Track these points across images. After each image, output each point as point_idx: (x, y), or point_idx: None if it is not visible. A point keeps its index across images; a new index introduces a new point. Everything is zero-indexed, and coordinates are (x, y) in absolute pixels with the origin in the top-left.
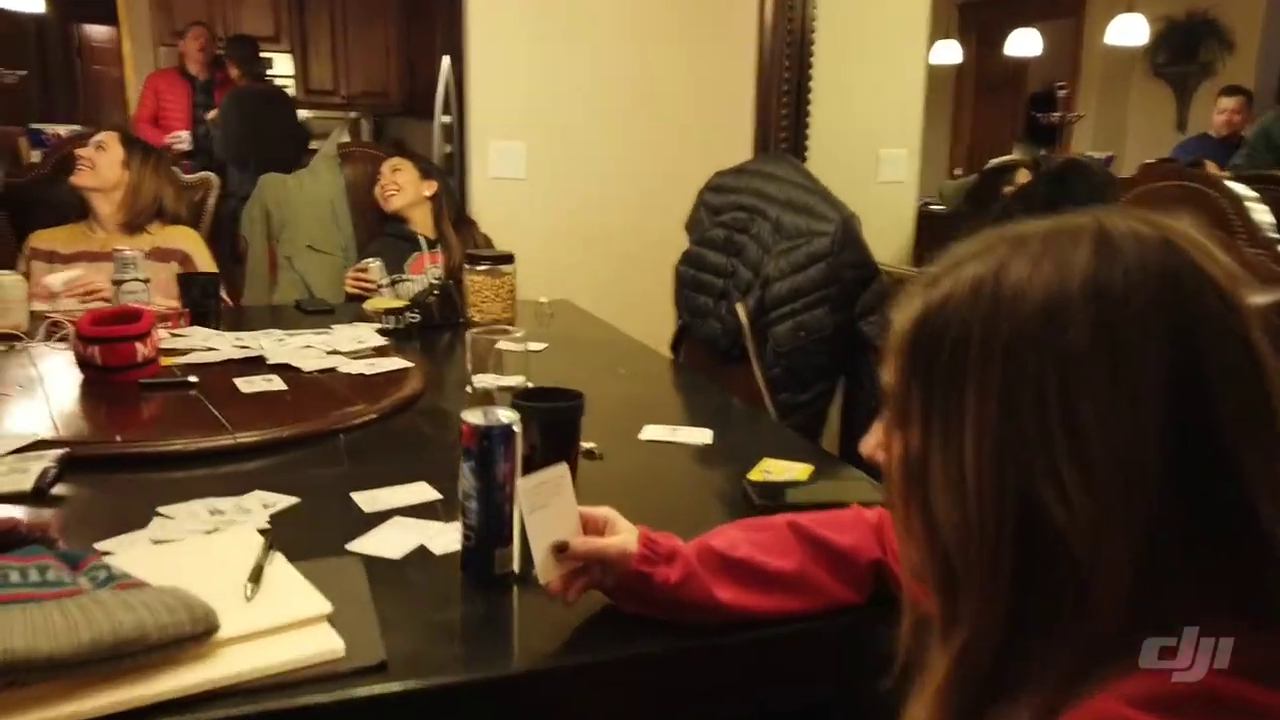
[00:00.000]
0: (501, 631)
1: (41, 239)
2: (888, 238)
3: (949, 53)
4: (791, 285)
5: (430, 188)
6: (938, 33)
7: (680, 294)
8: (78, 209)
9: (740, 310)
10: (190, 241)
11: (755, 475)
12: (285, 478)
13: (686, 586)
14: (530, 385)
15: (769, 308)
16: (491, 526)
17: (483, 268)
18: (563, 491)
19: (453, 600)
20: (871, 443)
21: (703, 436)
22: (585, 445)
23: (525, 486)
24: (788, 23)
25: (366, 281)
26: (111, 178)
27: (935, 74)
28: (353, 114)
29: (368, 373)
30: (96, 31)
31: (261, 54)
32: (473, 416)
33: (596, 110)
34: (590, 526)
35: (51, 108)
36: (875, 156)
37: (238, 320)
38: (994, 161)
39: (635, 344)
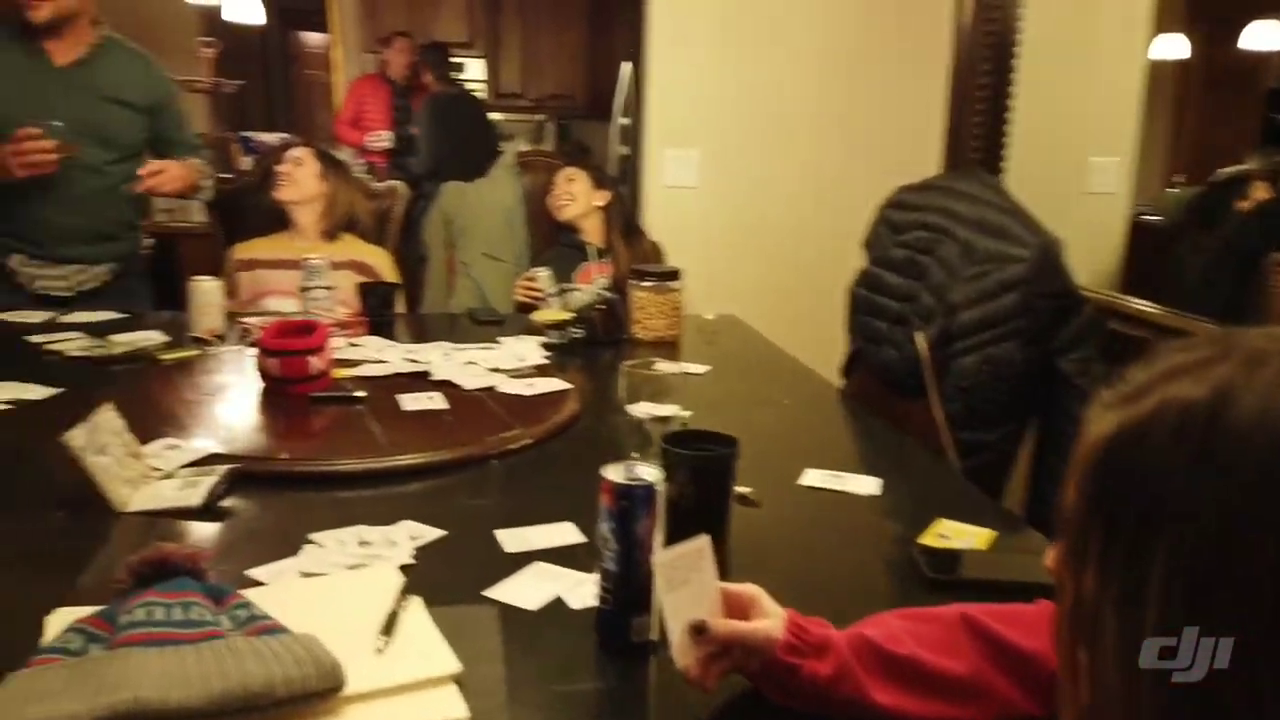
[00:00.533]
0: (634, 711)
1: (243, 250)
2: (1095, 255)
3: (1173, 47)
4: (980, 314)
5: (603, 198)
6: (1161, 25)
7: (854, 317)
8: (280, 220)
9: (920, 339)
10: (382, 260)
11: (928, 539)
12: (435, 505)
13: (839, 684)
14: (686, 414)
15: (953, 338)
16: (629, 591)
17: (649, 283)
18: (703, 567)
19: (585, 668)
20: (1054, 557)
21: (870, 486)
22: (740, 490)
23: (662, 561)
24: (988, 23)
25: (535, 290)
26: (310, 190)
27: (1156, 71)
28: (539, 116)
29: (526, 394)
30: (311, 38)
31: (455, 59)
32: (613, 473)
33: (773, 118)
34: (733, 606)
35: (270, 112)
36: (1083, 165)
37: (415, 327)
38: (1224, 171)
39: (801, 368)
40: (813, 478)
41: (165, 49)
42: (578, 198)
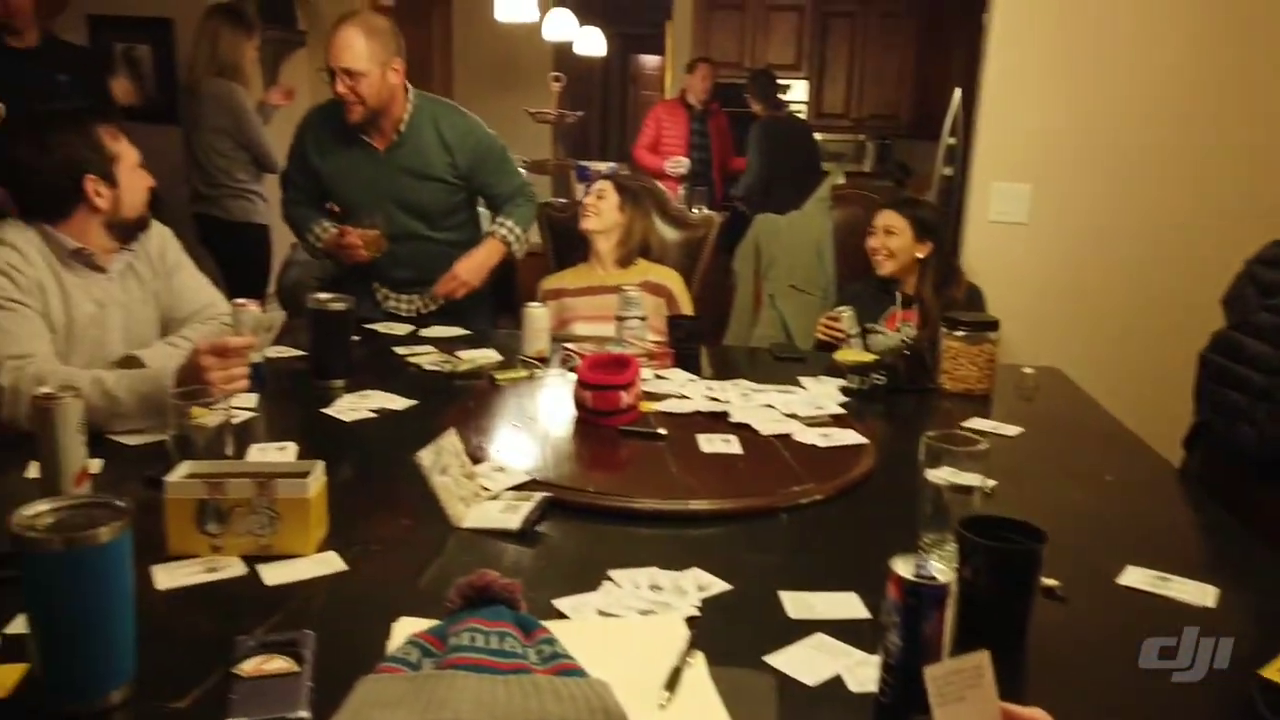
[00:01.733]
0: None
1: (551, 281)
2: None
3: None
4: None
5: (923, 249)
6: None
7: (1204, 385)
8: (582, 250)
9: None
10: (675, 282)
11: (1271, 672)
12: (723, 553)
13: None
14: (990, 485)
15: None
16: (910, 691)
17: (962, 332)
18: (981, 684)
19: None
20: None
21: (1204, 595)
22: (1046, 581)
23: (935, 675)
24: None
25: (837, 330)
26: (610, 221)
27: None
28: (859, 136)
29: (820, 444)
30: (648, 61)
31: (780, 81)
32: (902, 567)
33: (1117, 153)
34: None
35: (606, 135)
36: None
37: (717, 360)
38: None
39: (1132, 438)
40: (1134, 577)
41: (520, 84)
42: (897, 254)
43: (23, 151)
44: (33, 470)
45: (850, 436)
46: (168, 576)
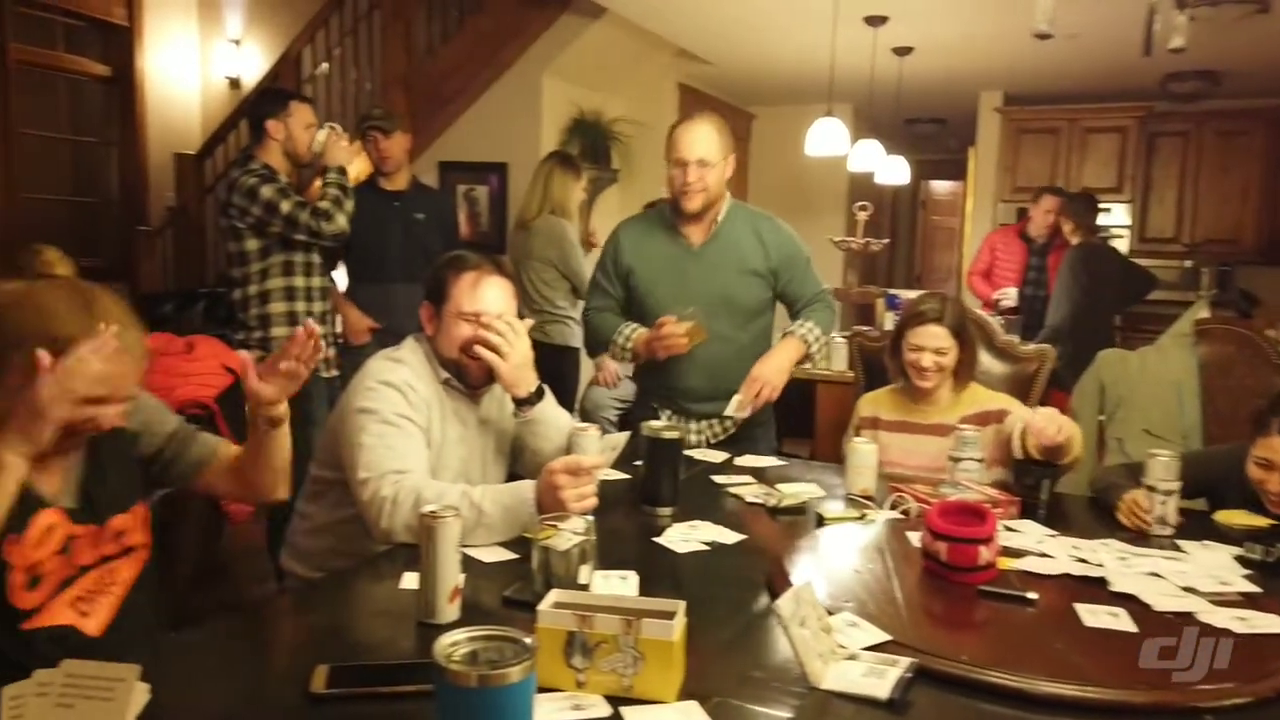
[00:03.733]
0: None
1: (867, 405)
2: None
3: None
4: None
5: None
6: None
7: None
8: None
9: None
10: (1012, 406)
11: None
12: None
13: None
14: None
15: None
16: None
17: None
18: None
19: None
20: None
21: None
22: None
23: None
24: None
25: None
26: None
27: None
28: (1188, 262)
29: (1236, 629)
30: (939, 187)
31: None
32: None
33: None
34: None
35: (893, 258)
36: None
37: (1061, 510)
38: None
39: None
40: None
41: (821, 211)
42: None
43: None
44: (406, 580)
45: (1275, 623)
46: (540, 712)
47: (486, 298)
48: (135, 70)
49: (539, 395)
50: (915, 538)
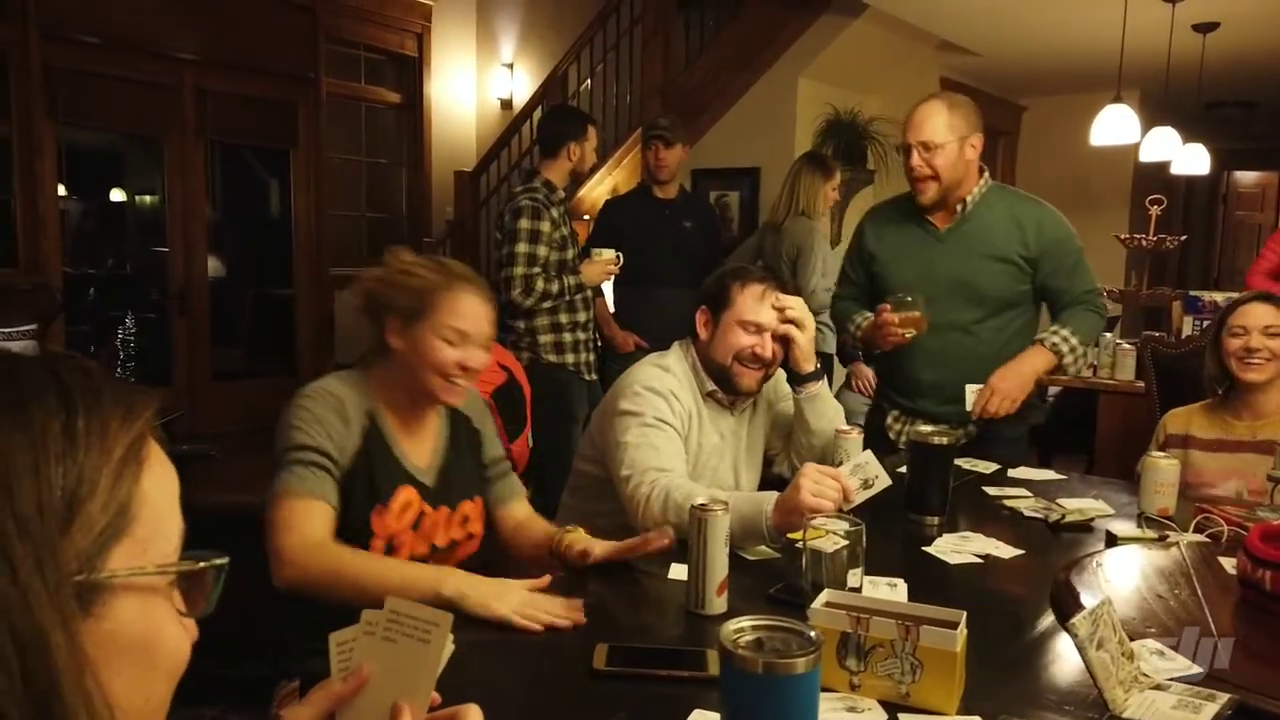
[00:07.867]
0: None
1: (1176, 421)
2: None
3: None
4: None
5: None
6: None
7: None
8: (1197, 392)
9: None
10: None
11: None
12: None
13: None
14: None
15: None
16: None
17: None
18: None
19: None
20: None
21: None
22: None
23: None
24: None
25: None
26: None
27: None
28: None
29: None
30: (1244, 178)
31: None
32: None
33: None
34: None
35: (1186, 260)
36: None
37: None
38: None
39: None
40: None
41: (1101, 206)
42: None
43: None
44: (674, 571)
45: None
46: None
47: (770, 311)
48: (424, 97)
49: (820, 374)
50: (1229, 564)
